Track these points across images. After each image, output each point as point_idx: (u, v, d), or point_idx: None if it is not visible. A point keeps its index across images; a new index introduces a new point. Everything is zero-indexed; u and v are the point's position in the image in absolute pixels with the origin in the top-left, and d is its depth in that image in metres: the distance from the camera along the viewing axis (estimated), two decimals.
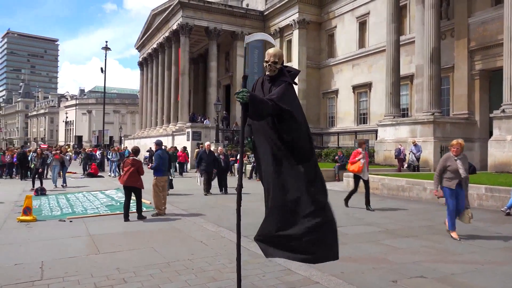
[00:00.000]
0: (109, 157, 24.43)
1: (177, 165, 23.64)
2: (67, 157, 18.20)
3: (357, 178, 10.90)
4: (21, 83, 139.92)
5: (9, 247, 6.67)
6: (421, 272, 5.19)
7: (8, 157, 21.65)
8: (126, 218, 8.99)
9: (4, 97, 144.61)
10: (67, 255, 6.05)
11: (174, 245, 6.75)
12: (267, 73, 3.89)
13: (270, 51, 3.87)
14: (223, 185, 14.59)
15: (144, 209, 10.23)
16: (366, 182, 10.80)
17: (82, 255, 6.12)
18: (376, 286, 4.72)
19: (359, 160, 10.56)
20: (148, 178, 10.16)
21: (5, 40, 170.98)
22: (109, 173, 23.77)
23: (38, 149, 18.64)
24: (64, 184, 17.10)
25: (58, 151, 19.23)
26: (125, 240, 7.15)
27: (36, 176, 16.19)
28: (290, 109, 3.69)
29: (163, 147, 10.84)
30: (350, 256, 5.96)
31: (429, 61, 19.87)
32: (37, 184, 15.40)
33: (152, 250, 6.36)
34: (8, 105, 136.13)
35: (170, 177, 16.06)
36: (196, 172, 15.90)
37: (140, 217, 9.19)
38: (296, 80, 3.91)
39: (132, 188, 9.23)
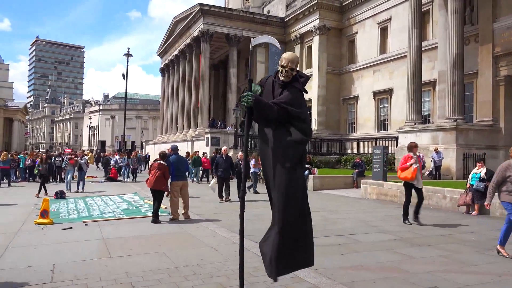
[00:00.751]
0: (118, 161, 23.71)
1: (200, 171, 23.05)
2: (83, 161, 17.64)
3: (408, 186, 9.48)
4: (48, 89, 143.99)
5: (24, 249, 6.78)
6: (435, 283, 5.01)
7: (29, 161, 22.14)
8: (155, 218, 9.35)
9: (31, 103, 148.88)
10: (79, 258, 6.10)
11: (185, 250, 6.73)
12: (281, 78, 3.81)
13: (288, 56, 3.80)
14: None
15: (159, 213, 10.37)
16: (420, 191, 9.48)
17: (93, 258, 6.16)
18: None
19: (411, 165, 9.17)
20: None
21: (34, 47, 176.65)
22: (124, 179, 23.12)
23: (43, 154, 18.30)
24: (78, 190, 16.41)
25: (72, 156, 18.96)
26: (137, 244, 7.17)
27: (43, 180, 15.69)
28: (298, 113, 3.65)
29: (178, 152, 10.89)
30: (362, 265, 5.82)
31: (452, 67, 19.45)
32: (52, 189, 15.64)
33: (162, 254, 6.35)
34: (36, 110, 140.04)
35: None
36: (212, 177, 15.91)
37: (155, 220, 9.28)
38: (315, 86, 3.89)
39: (158, 191, 9.55)
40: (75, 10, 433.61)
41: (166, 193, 9.70)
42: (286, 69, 3.73)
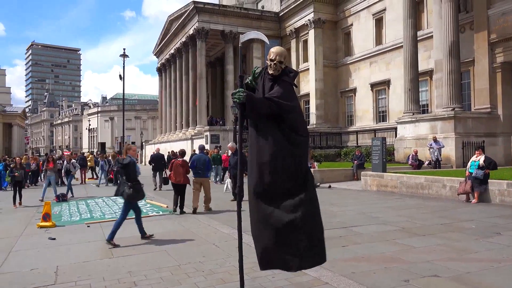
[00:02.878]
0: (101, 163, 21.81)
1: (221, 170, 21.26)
2: (70, 164, 16.16)
3: None
4: (46, 93, 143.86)
5: (27, 252, 6.83)
6: (435, 271, 5.05)
7: (34, 165, 22.20)
8: (182, 210, 10.43)
9: (30, 107, 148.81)
10: (82, 260, 6.15)
11: (187, 247, 6.78)
12: (270, 72, 3.81)
13: (276, 50, 3.80)
14: None
15: (160, 212, 10.55)
16: None
17: (96, 259, 6.21)
18: (387, 286, 4.62)
19: None
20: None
21: (30, 51, 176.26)
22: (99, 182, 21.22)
23: (17, 158, 16.01)
24: (61, 195, 14.28)
25: (50, 160, 15.37)
26: (139, 243, 7.21)
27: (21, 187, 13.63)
28: (291, 106, 3.66)
29: (204, 151, 12.14)
30: (362, 256, 5.87)
31: (448, 55, 19.45)
32: (36, 196, 15.63)
33: (164, 253, 6.40)
34: (34, 114, 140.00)
35: (164, 175, 17.39)
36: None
37: (182, 212, 10.38)
38: (312, 80, 3.89)
39: (181, 185, 10.45)
40: (70, 12, 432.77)
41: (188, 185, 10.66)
42: (274, 62, 3.74)
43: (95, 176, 26.03)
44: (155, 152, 20.63)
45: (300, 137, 3.72)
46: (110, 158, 21.84)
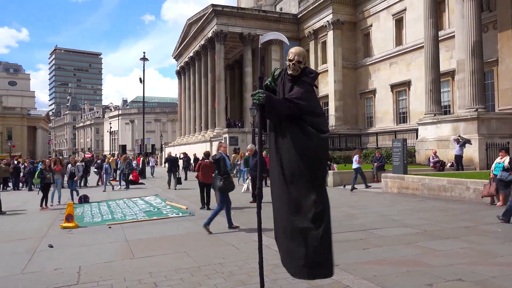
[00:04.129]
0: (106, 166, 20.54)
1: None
2: (74, 169, 15.54)
3: None
4: (68, 96, 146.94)
5: (51, 252, 6.97)
6: (459, 275, 4.94)
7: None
8: (208, 206, 11.36)
9: (53, 110, 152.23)
10: (103, 260, 6.24)
11: (206, 249, 6.81)
12: (289, 72, 3.80)
13: (294, 50, 3.77)
14: None
15: (180, 214, 10.64)
16: None
17: (117, 259, 6.29)
18: None
19: None
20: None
21: (53, 56, 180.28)
22: (105, 187, 19.76)
23: (47, 161, 15.58)
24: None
25: (58, 163, 14.86)
26: (160, 245, 7.28)
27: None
28: (311, 107, 3.63)
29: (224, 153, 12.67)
30: (384, 259, 5.79)
31: (470, 55, 19.04)
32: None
33: (184, 254, 6.44)
34: (57, 117, 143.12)
35: (178, 175, 19.52)
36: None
37: (209, 208, 11.15)
38: (331, 81, 3.84)
39: (209, 184, 11.23)
40: (91, 17, 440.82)
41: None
42: (293, 62, 3.71)
43: (117, 178, 26.38)
44: (168, 155, 22.19)
45: (321, 138, 3.67)
46: (121, 160, 21.24)
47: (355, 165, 16.46)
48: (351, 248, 6.46)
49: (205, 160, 11.94)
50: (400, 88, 28.00)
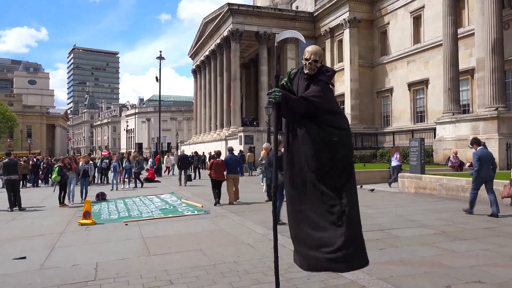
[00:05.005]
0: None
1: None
2: (87, 167, 15.14)
3: None
4: (86, 95, 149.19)
5: (69, 248, 7.07)
6: (479, 277, 4.84)
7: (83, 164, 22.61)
8: (218, 202, 12.12)
9: (72, 109, 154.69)
10: (120, 257, 6.31)
11: (222, 247, 6.82)
12: (306, 71, 3.77)
13: (311, 49, 3.75)
14: None
15: (195, 212, 10.74)
16: None
17: (133, 256, 6.34)
18: None
19: None
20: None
21: (72, 55, 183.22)
22: (112, 186, 19.00)
23: (67, 159, 14.83)
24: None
25: (73, 162, 14.64)
26: (175, 242, 7.32)
27: None
28: (328, 105, 3.60)
29: (234, 152, 13.76)
30: (401, 260, 5.71)
31: (490, 53, 18.67)
32: (93, 190, 16.11)
33: (200, 252, 6.46)
34: (75, 116, 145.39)
35: (189, 173, 21.20)
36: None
37: (218, 203, 12.06)
38: (348, 80, 3.82)
39: (221, 181, 12.40)
40: (108, 17, 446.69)
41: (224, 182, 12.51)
42: (310, 61, 3.69)
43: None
44: (181, 153, 23.57)
45: (339, 136, 3.63)
46: (130, 158, 20.38)
47: (395, 163, 16.71)
48: (368, 248, 6.29)
49: (217, 159, 12.66)
50: (418, 87, 27.62)
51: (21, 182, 21.93)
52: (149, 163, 27.80)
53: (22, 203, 12.72)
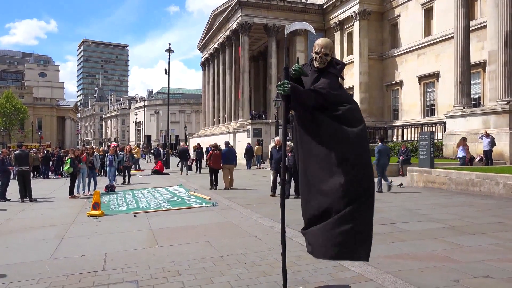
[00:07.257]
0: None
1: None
2: (92, 159, 14.92)
3: None
4: (96, 88, 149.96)
5: (78, 239, 7.15)
6: (487, 272, 4.80)
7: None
8: (216, 187, 14.47)
9: (81, 101, 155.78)
10: (129, 248, 6.36)
11: (229, 239, 6.84)
12: (316, 64, 3.75)
13: (321, 42, 3.72)
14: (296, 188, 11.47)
15: (203, 204, 10.77)
16: None
17: (142, 247, 6.39)
18: (435, 285, 4.43)
19: None
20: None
21: (81, 48, 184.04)
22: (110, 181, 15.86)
23: (79, 151, 15.08)
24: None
25: (84, 153, 14.65)
26: (183, 234, 7.36)
27: None
28: (338, 97, 3.59)
29: (229, 145, 15.43)
30: (408, 254, 5.68)
31: (503, 45, 18.40)
32: (103, 182, 16.22)
33: (207, 244, 6.49)
34: (85, 108, 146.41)
35: (189, 163, 23.95)
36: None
37: (215, 187, 14.42)
38: (357, 73, 3.81)
39: (218, 170, 14.61)
40: (117, 10, 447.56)
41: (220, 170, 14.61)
42: (320, 55, 3.67)
43: (140, 168, 26.90)
44: (181, 146, 27.55)
45: (351, 129, 3.60)
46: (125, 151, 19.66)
47: (461, 153, 16.76)
48: (375, 242, 6.30)
49: (215, 151, 14.73)
50: (428, 80, 27.33)
51: (31, 174, 22.36)
52: (162, 155, 28.04)
53: (33, 194, 12.87)
